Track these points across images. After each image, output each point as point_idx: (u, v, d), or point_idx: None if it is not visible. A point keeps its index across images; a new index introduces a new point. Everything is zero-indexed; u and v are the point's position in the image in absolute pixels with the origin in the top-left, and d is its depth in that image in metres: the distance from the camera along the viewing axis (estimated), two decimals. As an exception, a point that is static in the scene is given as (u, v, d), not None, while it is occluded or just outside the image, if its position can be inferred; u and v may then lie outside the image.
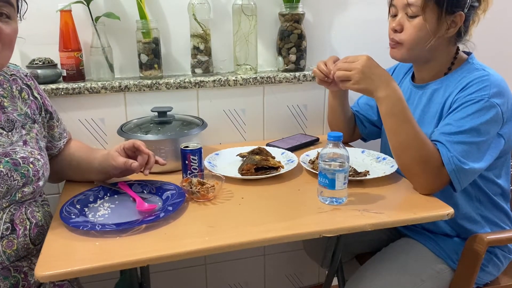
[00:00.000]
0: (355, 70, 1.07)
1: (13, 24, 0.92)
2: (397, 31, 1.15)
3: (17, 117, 1.01)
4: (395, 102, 1.06)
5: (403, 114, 1.06)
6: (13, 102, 1.02)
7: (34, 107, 1.07)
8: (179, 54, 1.51)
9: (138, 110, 1.45)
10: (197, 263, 1.70)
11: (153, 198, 1.09)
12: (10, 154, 0.95)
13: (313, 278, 1.88)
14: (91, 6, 1.34)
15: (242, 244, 0.89)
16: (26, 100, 1.05)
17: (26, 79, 1.07)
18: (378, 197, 1.08)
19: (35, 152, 1.00)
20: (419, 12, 1.10)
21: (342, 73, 1.10)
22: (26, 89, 1.06)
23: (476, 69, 1.13)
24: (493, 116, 1.05)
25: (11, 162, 0.93)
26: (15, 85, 1.04)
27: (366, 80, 1.07)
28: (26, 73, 1.08)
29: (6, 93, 1.01)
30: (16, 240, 0.93)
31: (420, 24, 1.11)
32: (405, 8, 1.13)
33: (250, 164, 1.19)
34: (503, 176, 1.20)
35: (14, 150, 0.96)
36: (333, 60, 1.22)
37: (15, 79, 1.05)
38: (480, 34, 1.21)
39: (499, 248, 1.22)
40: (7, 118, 0.99)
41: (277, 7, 1.53)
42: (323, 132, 1.66)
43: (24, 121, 1.02)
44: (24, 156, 0.96)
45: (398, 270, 1.17)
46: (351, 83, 1.09)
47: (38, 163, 0.98)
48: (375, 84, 1.07)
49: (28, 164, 0.96)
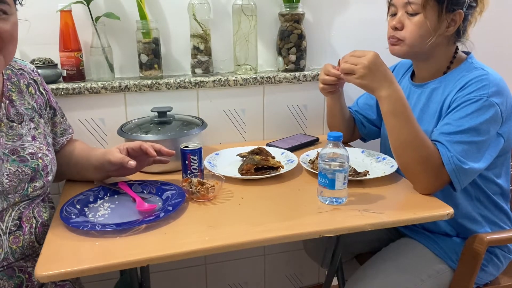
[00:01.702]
0: (361, 65, 1.07)
1: (12, 18, 0.90)
2: (398, 28, 1.15)
3: (25, 110, 1.03)
4: (397, 102, 1.06)
5: (404, 114, 1.06)
6: (21, 96, 1.03)
7: (40, 102, 1.08)
8: (179, 54, 1.51)
9: (138, 110, 1.45)
10: (197, 263, 1.70)
11: (153, 198, 1.09)
12: (18, 151, 0.97)
13: (313, 278, 1.88)
14: (91, 6, 1.34)
15: (242, 244, 0.89)
16: (33, 94, 1.06)
17: (33, 74, 1.08)
18: (378, 197, 1.08)
19: (43, 147, 1.02)
20: (419, 9, 1.11)
21: (347, 65, 1.10)
22: (33, 84, 1.07)
23: (475, 68, 1.13)
24: (492, 115, 1.05)
25: (18, 160, 0.95)
26: (22, 80, 1.05)
27: (370, 77, 1.07)
28: (33, 68, 1.10)
29: (14, 87, 1.03)
30: (22, 237, 0.96)
31: (421, 22, 1.11)
32: (405, 6, 1.13)
33: (250, 164, 1.19)
34: (503, 176, 1.21)
35: (23, 146, 0.98)
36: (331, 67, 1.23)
37: (22, 73, 1.06)
38: (479, 34, 1.21)
39: (499, 248, 1.22)
40: (16, 111, 1.01)
41: (277, 7, 1.53)
42: (323, 132, 1.66)
43: (31, 115, 1.04)
44: (32, 152, 0.98)
45: (398, 270, 1.17)
46: (354, 77, 1.09)
47: (46, 158, 1.00)
48: (378, 82, 1.07)
49: (37, 159, 0.98)
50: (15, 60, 1.06)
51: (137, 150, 1.11)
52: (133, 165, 1.06)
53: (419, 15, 1.11)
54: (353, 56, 1.10)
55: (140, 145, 1.10)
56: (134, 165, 1.07)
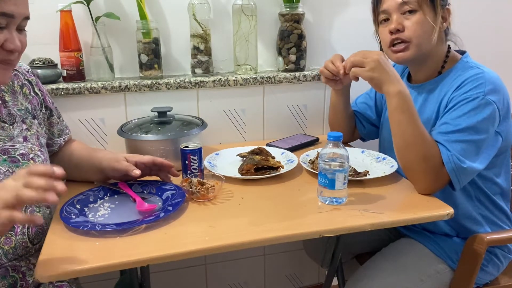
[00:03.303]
0: (371, 58, 1.07)
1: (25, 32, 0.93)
2: (400, 30, 1.14)
3: (17, 112, 1.02)
4: (405, 98, 1.06)
5: (411, 112, 1.06)
6: (14, 97, 1.03)
7: (34, 103, 1.07)
8: (179, 54, 1.51)
9: (138, 110, 1.45)
10: (197, 263, 1.70)
11: (153, 198, 1.09)
12: (9, 151, 0.95)
13: (313, 278, 1.88)
14: (91, 6, 1.34)
15: (242, 244, 0.89)
16: (27, 95, 1.06)
17: (27, 75, 1.08)
18: (378, 197, 1.08)
19: (35, 148, 1.01)
20: (416, 7, 1.11)
21: (357, 58, 1.09)
22: (28, 85, 1.07)
23: (471, 67, 1.14)
24: (490, 114, 1.05)
25: (8, 160, 0.94)
26: (16, 80, 1.05)
27: (381, 70, 1.06)
28: (27, 69, 1.09)
29: (7, 88, 1.02)
30: (14, 238, 0.94)
31: (421, 19, 1.12)
32: (400, 8, 1.13)
33: (250, 164, 1.19)
34: (502, 175, 1.20)
35: (14, 147, 0.97)
36: (339, 58, 1.22)
37: (16, 74, 1.05)
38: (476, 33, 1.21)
39: (499, 248, 1.22)
40: (8, 112, 1.00)
41: (277, 7, 1.53)
42: (323, 132, 1.66)
43: (24, 116, 1.03)
44: (24, 152, 0.97)
45: (398, 270, 1.18)
46: (365, 69, 1.08)
47: (38, 159, 0.99)
48: (388, 77, 1.07)
49: (28, 160, 0.97)
50: None
51: (147, 165, 1.10)
52: (138, 174, 1.06)
53: (417, 13, 1.11)
54: (361, 52, 1.10)
55: (153, 160, 1.10)
56: (139, 174, 1.07)
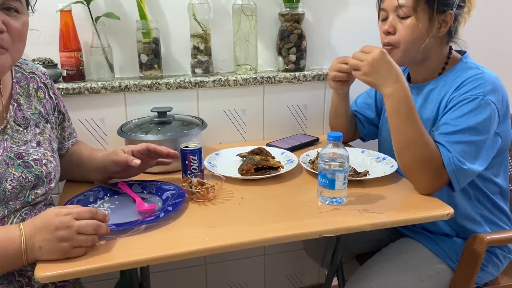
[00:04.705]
0: (366, 61, 1.07)
1: (23, 18, 0.91)
2: (390, 33, 1.15)
3: (31, 115, 1.01)
4: (401, 100, 1.06)
5: (408, 113, 1.06)
6: (28, 101, 1.02)
7: (48, 107, 1.07)
8: (179, 54, 1.51)
9: (138, 110, 1.45)
10: (197, 263, 1.70)
11: (153, 198, 1.09)
12: (23, 155, 0.95)
13: (313, 278, 1.88)
14: (91, 6, 1.34)
15: (242, 244, 0.89)
16: (41, 99, 1.05)
17: (44, 77, 1.08)
18: (378, 197, 1.08)
19: (47, 154, 1.00)
20: (410, 12, 1.11)
21: (354, 61, 1.11)
22: (43, 88, 1.06)
23: (470, 67, 1.14)
24: (490, 114, 1.05)
25: (22, 165, 0.94)
26: (32, 83, 1.04)
27: (374, 74, 1.07)
28: (44, 72, 1.09)
29: (22, 91, 1.02)
30: None
31: (413, 24, 1.11)
32: (396, 10, 1.13)
33: (250, 164, 1.19)
34: (501, 175, 1.21)
35: (27, 151, 0.96)
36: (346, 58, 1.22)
37: (33, 77, 1.05)
38: (474, 33, 1.21)
39: (499, 248, 1.22)
40: (23, 116, 1.00)
41: (277, 7, 1.53)
42: (323, 132, 1.66)
43: (37, 120, 1.03)
44: (36, 158, 0.97)
45: (398, 270, 1.17)
46: (360, 73, 1.09)
47: (50, 165, 0.99)
48: (382, 79, 1.07)
49: (41, 166, 0.96)
50: (26, 63, 1.06)
51: (143, 152, 1.10)
52: (138, 164, 1.06)
53: (410, 18, 1.12)
54: (362, 51, 1.10)
55: (146, 146, 1.10)
56: (139, 163, 1.07)
